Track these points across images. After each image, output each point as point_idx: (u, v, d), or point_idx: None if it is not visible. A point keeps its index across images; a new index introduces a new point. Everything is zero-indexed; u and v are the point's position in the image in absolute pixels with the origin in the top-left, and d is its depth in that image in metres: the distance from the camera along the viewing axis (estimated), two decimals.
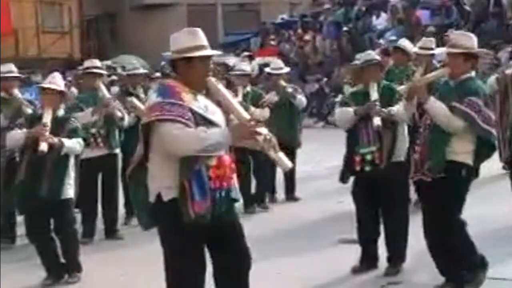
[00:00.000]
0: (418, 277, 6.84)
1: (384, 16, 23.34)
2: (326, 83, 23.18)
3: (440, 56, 9.00)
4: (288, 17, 30.22)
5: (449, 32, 15.20)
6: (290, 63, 24.08)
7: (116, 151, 9.15)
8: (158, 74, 14.99)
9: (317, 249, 7.97)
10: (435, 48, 8.72)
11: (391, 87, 7.27)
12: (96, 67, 9.31)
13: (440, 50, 8.22)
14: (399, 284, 6.72)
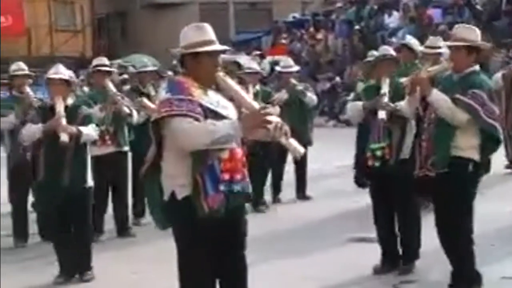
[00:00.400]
0: (432, 275, 6.79)
1: (396, 15, 23.32)
2: (337, 82, 23.16)
3: (447, 55, 8.96)
4: (300, 15, 30.24)
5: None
6: (302, 61, 24.12)
7: (125, 149, 9.15)
8: (170, 73, 14.99)
9: (326, 248, 7.93)
10: (442, 47, 8.69)
11: None
12: (104, 65, 9.33)
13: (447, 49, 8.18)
14: (412, 283, 6.68)
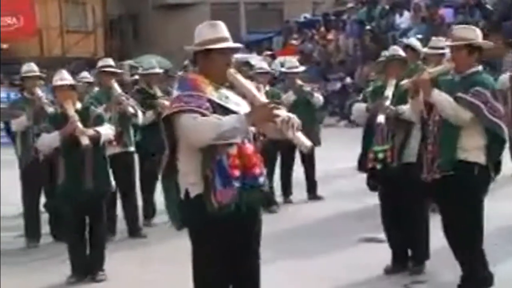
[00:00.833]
0: (443, 276, 6.78)
1: (407, 15, 23.24)
2: (348, 82, 23.13)
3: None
4: (311, 16, 30.20)
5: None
6: (313, 62, 24.10)
7: (131, 149, 9.16)
8: (180, 73, 15.00)
9: (337, 248, 7.93)
10: (445, 48, 8.65)
11: None
12: (109, 66, 9.36)
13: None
14: (423, 283, 6.69)
